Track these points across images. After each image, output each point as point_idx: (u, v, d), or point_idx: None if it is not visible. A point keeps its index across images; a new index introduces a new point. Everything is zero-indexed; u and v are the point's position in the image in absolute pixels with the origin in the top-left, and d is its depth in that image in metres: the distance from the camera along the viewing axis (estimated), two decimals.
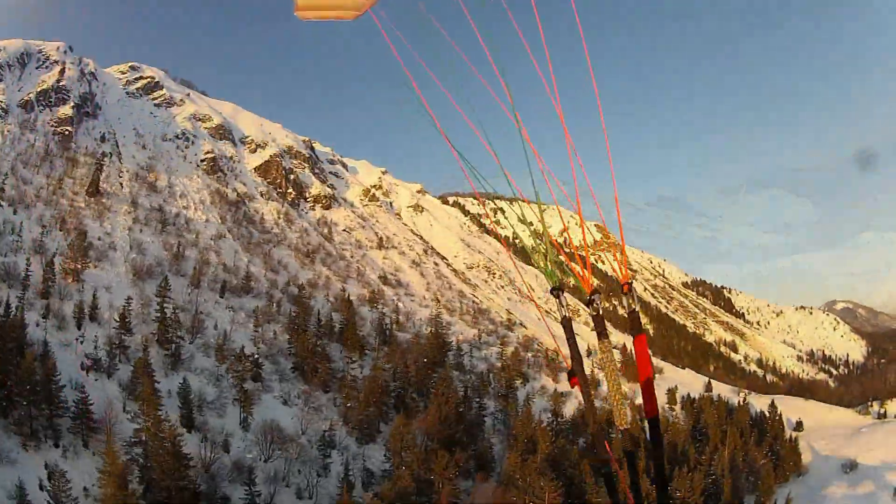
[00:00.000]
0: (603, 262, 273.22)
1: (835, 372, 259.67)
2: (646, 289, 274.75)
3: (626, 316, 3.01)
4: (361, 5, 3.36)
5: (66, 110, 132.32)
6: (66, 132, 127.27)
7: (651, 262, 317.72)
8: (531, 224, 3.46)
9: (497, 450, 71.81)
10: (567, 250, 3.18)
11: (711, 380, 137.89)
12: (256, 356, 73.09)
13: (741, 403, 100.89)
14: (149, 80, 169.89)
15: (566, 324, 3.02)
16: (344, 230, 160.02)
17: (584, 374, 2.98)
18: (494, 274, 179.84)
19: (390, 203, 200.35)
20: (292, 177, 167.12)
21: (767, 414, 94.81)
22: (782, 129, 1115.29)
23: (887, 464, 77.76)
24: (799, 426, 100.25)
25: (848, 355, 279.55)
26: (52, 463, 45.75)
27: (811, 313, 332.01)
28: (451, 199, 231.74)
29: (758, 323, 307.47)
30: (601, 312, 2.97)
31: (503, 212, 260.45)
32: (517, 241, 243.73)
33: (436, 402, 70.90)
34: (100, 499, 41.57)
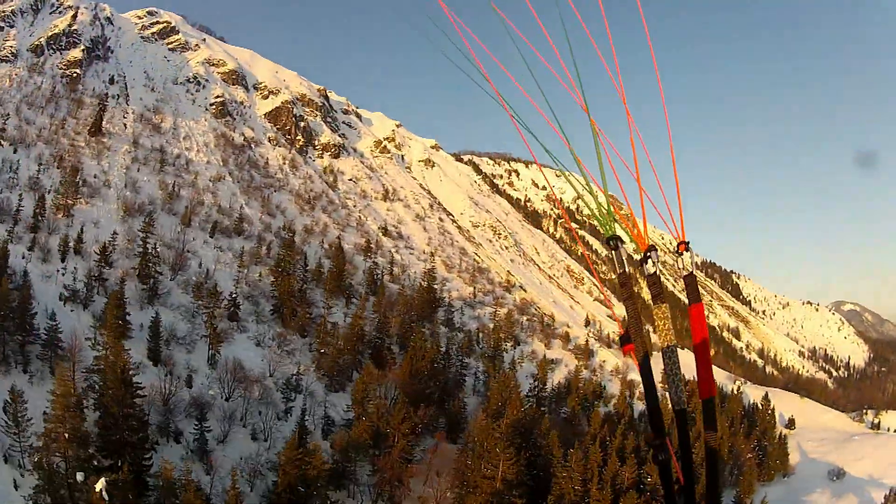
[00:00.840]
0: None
1: (835, 373, 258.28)
2: (654, 265, 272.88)
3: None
4: None
5: (75, 53, 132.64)
6: (75, 74, 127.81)
7: (663, 239, 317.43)
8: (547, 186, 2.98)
9: (470, 410, 72.00)
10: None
11: None
12: (234, 296, 74.12)
13: (735, 392, 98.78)
14: (164, 25, 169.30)
15: (624, 280, 2.65)
16: (350, 180, 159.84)
17: (642, 340, 2.62)
18: (500, 234, 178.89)
19: (402, 156, 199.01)
20: (302, 124, 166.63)
21: (760, 406, 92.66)
22: (784, 127, 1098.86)
23: (874, 479, 75.16)
24: (791, 424, 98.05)
25: (849, 358, 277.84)
26: (19, 387, 47.54)
27: (817, 310, 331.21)
28: (465, 158, 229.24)
29: (763, 312, 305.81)
30: (658, 272, 2.65)
31: (517, 174, 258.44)
32: (529, 203, 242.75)
33: (408, 355, 70.92)
34: (50, 420, 43.14)
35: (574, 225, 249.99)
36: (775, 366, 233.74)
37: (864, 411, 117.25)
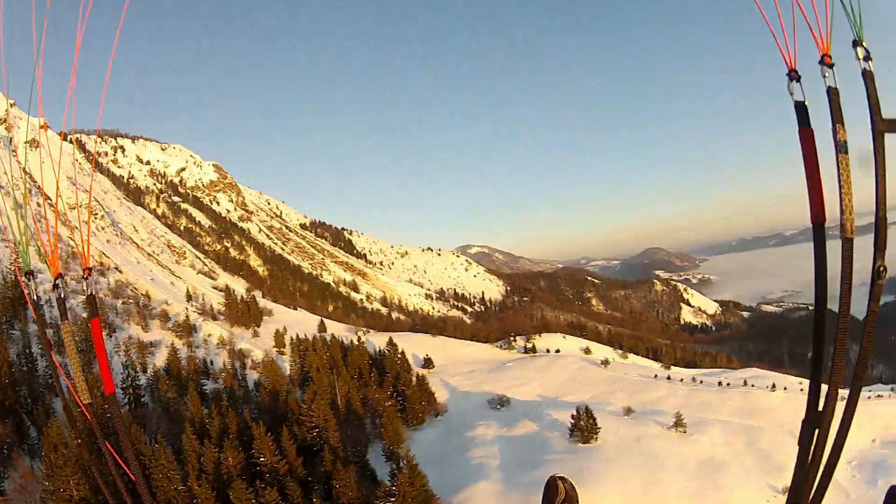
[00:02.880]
0: (218, 203, 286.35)
1: (469, 309, 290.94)
2: (261, 230, 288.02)
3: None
4: None
5: None
6: None
7: (269, 204, 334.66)
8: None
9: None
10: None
11: (325, 319, 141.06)
12: None
13: (358, 343, 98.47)
14: None
15: (36, 306, 3.55)
16: None
17: (50, 353, 3.63)
18: (97, 214, 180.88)
19: (10, 139, 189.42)
20: None
21: (388, 352, 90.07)
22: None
23: (547, 398, 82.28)
24: (428, 363, 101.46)
25: (483, 294, 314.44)
26: None
27: (439, 254, 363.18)
28: (73, 137, 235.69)
29: (381, 263, 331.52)
30: (62, 296, 3.35)
31: (123, 150, 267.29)
32: (132, 180, 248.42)
33: None
34: None
35: (177, 198, 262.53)
36: (402, 311, 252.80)
37: (513, 339, 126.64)
